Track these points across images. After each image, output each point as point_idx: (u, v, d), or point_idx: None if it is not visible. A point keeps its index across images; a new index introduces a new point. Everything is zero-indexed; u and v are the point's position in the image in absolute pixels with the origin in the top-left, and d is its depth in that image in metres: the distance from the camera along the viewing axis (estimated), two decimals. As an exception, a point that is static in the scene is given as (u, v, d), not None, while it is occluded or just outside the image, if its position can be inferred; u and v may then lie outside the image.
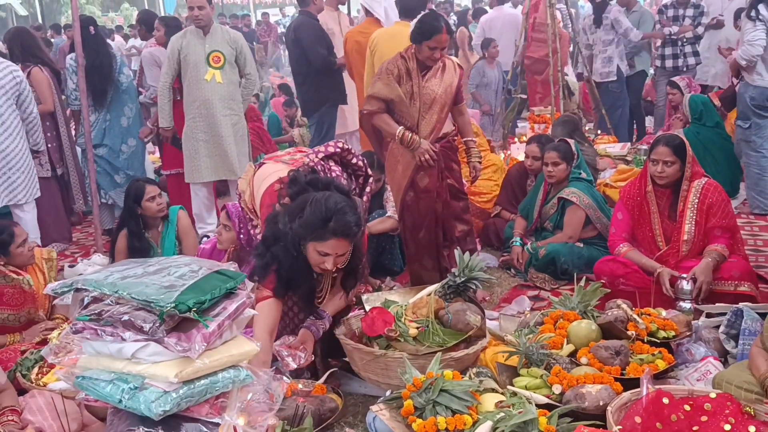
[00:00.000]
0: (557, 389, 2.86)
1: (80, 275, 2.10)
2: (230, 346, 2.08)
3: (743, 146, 6.00)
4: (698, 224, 3.96)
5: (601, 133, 8.00)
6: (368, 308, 3.38)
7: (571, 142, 4.98)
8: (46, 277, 3.89)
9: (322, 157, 3.44)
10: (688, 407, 2.52)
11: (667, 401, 2.51)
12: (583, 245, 4.74)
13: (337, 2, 7.01)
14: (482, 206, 5.69)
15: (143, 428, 1.89)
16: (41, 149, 5.59)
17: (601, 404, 2.69)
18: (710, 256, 3.86)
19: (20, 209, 5.29)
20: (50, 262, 3.97)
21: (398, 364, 2.96)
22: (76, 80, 5.75)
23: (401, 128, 4.17)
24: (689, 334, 3.37)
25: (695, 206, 3.96)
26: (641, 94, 8.97)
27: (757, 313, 3.21)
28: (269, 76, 14.02)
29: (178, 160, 5.89)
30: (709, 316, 3.56)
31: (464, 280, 3.45)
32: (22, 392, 3.10)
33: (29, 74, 5.80)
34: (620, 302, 3.50)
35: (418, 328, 3.22)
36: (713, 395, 2.57)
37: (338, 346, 3.31)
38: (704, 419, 2.48)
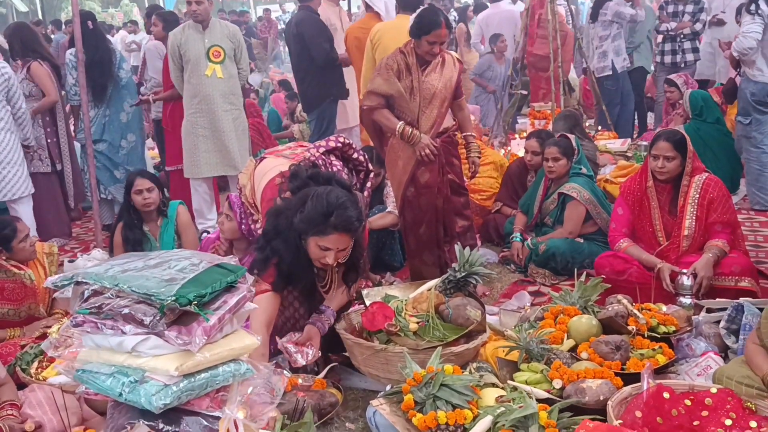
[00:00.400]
0: (558, 384, 2.85)
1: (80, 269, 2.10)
2: (231, 339, 2.08)
3: (744, 142, 6.00)
4: (699, 219, 3.95)
5: (601, 129, 7.99)
6: (368, 303, 3.38)
7: (571, 137, 4.97)
8: (47, 271, 3.89)
9: (323, 151, 3.44)
10: (688, 402, 2.51)
11: (667, 396, 2.50)
12: (583, 241, 4.74)
13: None
14: (481, 204, 5.68)
15: (144, 421, 1.89)
16: (31, 144, 5.61)
17: (601, 399, 2.69)
18: (711, 251, 3.86)
19: (16, 203, 5.34)
20: (51, 256, 3.97)
21: (398, 358, 2.96)
22: (75, 75, 5.74)
23: (401, 123, 4.16)
24: (689, 329, 3.37)
25: (696, 201, 3.96)
26: (642, 90, 8.96)
27: (757, 308, 3.21)
28: (269, 72, 14.00)
29: (180, 156, 5.88)
30: (709, 311, 3.56)
31: (464, 275, 3.45)
32: (21, 386, 3.10)
33: (29, 69, 5.80)
34: (621, 297, 3.50)
35: (418, 322, 3.22)
36: (714, 390, 2.57)
37: (338, 341, 3.30)
38: (705, 414, 2.47)
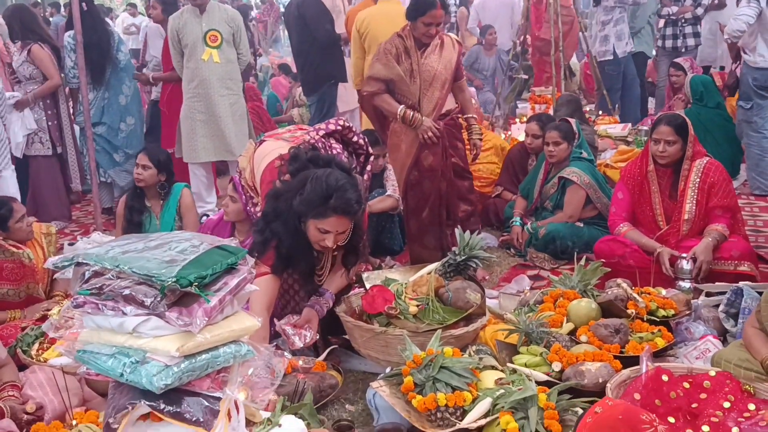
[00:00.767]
0: (557, 367, 2.86)
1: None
2: (231, 321, 2.08)
3: (744, 127, 5.99)
4: (699, 204, 3.95)
5: (602, 113, 7.97)
6: (368, 286, 3.39)
7: (572, 121, 4.96)
8: (45, 252, 3.88)
9: (322, 134, 3.42)
10: (687, 384, 2.52)
11: (666, 378, 2.51)
12: (583, 225, 4.74)
13: None
14: (481, 190, 5.64)
15: (145, 402, 1.89)
16: (5, 122, 5.50)
17: (600, 381, 2.70)
18: (710, 235, 3.86)
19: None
20: (49, 237, 3.96)
21: (398, 341, 2.97)
22: (74, 58, 5.70)
23: (402, 107, 4.15)
24: (689, 312, 3.38)
25: (696, 185, 3.95)
26: (643, 75, 8.93)
27: (756, 292, 3.21)
28: (269, 55, 13.93)
29: (174, 139, 5.86)
30: (708, 295, 3.57)
31: (464, 258, 3.45)
32: (22, 368, 3.11)
33: (29, 52, 5.76)
34: (620, 281, 3.51)
35: (418, 305, 3.22)
36: (713, 373, 2.57)
37: (338, 323, 3.31)
38: (703, 396, 2.48)
